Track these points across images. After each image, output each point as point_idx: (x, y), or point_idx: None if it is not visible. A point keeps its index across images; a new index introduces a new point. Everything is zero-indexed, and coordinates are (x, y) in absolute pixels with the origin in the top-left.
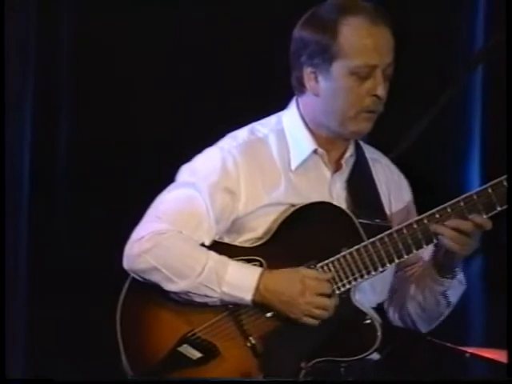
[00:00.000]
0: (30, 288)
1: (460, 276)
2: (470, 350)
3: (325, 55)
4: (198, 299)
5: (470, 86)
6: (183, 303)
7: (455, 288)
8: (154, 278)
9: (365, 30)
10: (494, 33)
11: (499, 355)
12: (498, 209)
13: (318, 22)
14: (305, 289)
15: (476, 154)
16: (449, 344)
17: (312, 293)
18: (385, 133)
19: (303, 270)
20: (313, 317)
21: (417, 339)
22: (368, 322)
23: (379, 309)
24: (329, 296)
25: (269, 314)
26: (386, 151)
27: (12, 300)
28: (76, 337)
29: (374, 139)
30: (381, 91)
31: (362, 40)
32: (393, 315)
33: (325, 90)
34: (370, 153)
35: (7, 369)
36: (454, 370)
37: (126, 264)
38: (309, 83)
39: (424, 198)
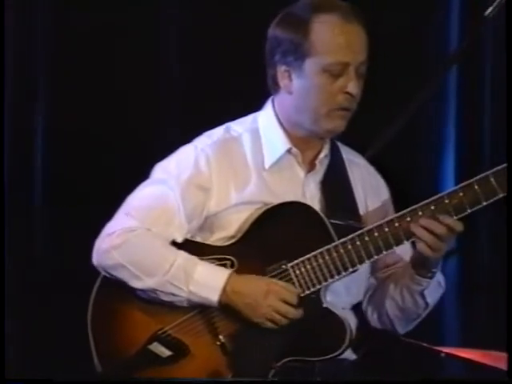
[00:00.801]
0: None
1: (440, 278)
2: (446, 349)
3: (297, 53)
4: (164, 298)
5: (444, 85)
6: (152, 301)
7: (433, 289)
8: (121, 274)
9: (337, 27)
10: (468, 32)
11: (474, 355)
12: (469, 211)
13: (291, 21)
14: (269, 292)
15: (451, 153)
16: (424, 344)
17: (275, 297)
18: (360, 132)
19: (272, 278)
20: (273, 321)
21: (392, 339)
22: (336, 322)
23: (355, 310)
24: (292, 306)
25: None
26: (361, 151)
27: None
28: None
29: (349, 139)
30: (353, 88)
31: (334, 37)
32: (371, 316)
33: (298, 88)
34: (348, 154)
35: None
36: (429, 370)
37: (94, 259)
38: (282, 81)
39: (399, 197)
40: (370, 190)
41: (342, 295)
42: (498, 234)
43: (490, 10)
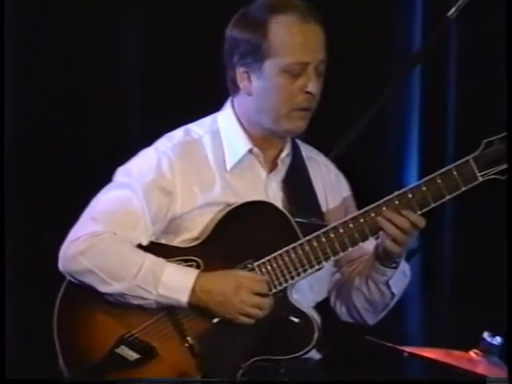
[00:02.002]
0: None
1: (404, 267)
2: (408, 349)
3: (256, 54)
4: (133, 301)
5: (408, 85)
6: (119, 305)
7: (398, 278)
8: (89, 279)
9: (295, 27)
10: (431, 32)
11: (437, 354)
12: (432, 205)
13: (248, 21)
14: (239, 287)
15: (414, 153)
16: (387, 343)
17: (246, 291)
18: (324, 132)
19: (239, 271)
20: (248, 315)
21: (356, 338)
22: (304, 320)
23: (319, 307)
24: (264, 296)
25: (215, 320)
26: (325, 151)
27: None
28: None
29: (313, 139)
30: (313, 88)
31: (292, 37)
32: (340, 309)
33: (258, 89)
34: (307, 151)
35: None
36: (392, 369)
37: (61, 265)
38: (242, 83)
39: (363, 196)
40: (329, 186)
41: (305, 293)
42: (459, 234)
43: (452, 10)
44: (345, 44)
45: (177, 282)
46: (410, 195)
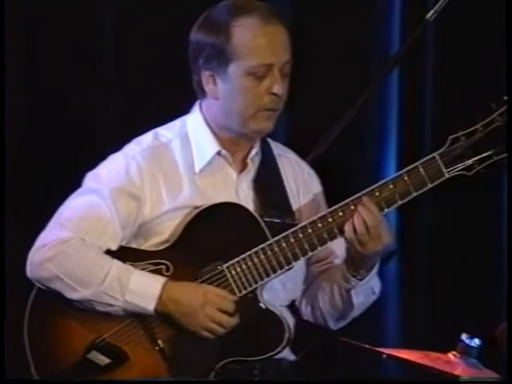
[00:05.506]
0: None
1: (374, 284)
2: (387, 350)
3: (220, 58)
4: (100, 308)
5: (386, 87)
6: (90, 310)
7: (362, 292)
8: (56, 286)
9: (258, 29)
10: (409, 35)
11: (415, 356)
12: (400, 202)
13: (211, 25)
14: (206, 302)
15: (392, 154)
16: (366, 345)
17: (212, 307)
18: (303, 134)
19: (208, 286)
20: (209, 331)
21: (333, 340)
22: (275, 320)
23: (292, 306)
24: (229, 314)
25: None
26: (304, 152)
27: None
28: None
29: (292, 140)
30: (278, 89)
31: (255, 40)
32: (305, 309)
33: (223, 92)
34: (278, 149)
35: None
36: (370, 371)
37: (28, 272)
38: (208, 86)
39: (340, 196)
40: (302, 184)
41: (278, 292)
42: (436, 236)
43: (431, 12)
44: (323, 46)
45: (144, 290)
46: (377, 193)
